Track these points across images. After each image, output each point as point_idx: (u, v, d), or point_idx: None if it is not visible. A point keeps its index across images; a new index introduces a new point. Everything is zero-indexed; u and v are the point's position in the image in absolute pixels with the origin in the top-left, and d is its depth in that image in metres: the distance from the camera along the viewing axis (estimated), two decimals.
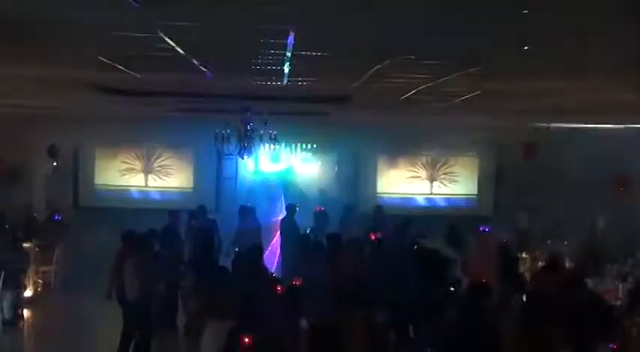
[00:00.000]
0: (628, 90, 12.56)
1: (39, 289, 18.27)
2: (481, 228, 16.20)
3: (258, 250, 13.15)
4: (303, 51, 9.83)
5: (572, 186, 21.49)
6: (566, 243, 18.82)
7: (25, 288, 16.86)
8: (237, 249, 16.25)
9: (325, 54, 10.14)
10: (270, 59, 10.75)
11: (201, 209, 18.15)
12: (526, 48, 8.63)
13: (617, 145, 20.54)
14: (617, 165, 20.83)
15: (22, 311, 16.26)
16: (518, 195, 23.35)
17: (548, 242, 18.81)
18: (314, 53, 10.12)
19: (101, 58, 10.82)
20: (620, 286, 14.11)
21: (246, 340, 7.60)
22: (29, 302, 17.06)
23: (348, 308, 8.71)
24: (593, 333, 8.05)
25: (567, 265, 12.28)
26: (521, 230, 19.22)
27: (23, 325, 16.01)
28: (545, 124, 20.37)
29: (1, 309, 15.19)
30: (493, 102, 15.54)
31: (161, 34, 8.65)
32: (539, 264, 12.82)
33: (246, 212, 18.49)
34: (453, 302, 10.02)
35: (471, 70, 10.76)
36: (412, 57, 10.03)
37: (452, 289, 11.21)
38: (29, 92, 15.68)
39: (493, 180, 24.59)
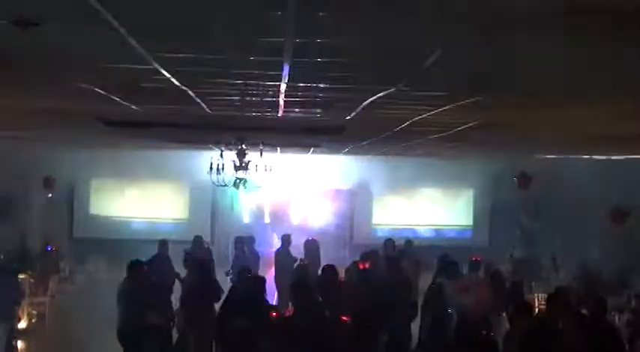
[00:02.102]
0: (625, 121, 12.59)
1: (33, 320, 18.15)
2: (473, 258, 16.26)
3: (260, 281, 13.07)
4: (298, 82, 9.84)
5: (568, 217, 21.50)
6: (561, 274, 18.79)
7: (19, 320, 16.74)
8: (232, 279, 16.20)
9: (320, 85, 10.14)
10: (266, 91, 10.76)
11: (197, 239, 18.10)
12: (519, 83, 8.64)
13: (614, 176, 20.60)
14: (613, 196, 20.89)
15: (16, 342, 16.15)
16: (514, 226, 23.34)
17: (544, 273, 18.77)
18: (309, 84, 10.12)
19: (97, 90, 10.82)
20: (617, 317, 14.07)
21: None
22: (23, 334, 16.94)
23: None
24: None
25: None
26: (517, 261, 19.17)
27: None
28: (541, 155, 20.42)
29: None
30: (489, 134, 15.54)
31: (156, 66, 8.64)
32: (537, 295, 12.76)
33: (243, 242, 18.44)
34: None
35: (467, 101, 10.75)
36: (407, 88, 10.02)
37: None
38: (26, 123, 15.68)
39: (488, 211, 24.57)
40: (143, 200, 24.42)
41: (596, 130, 14.45)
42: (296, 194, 23.97)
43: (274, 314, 10.45)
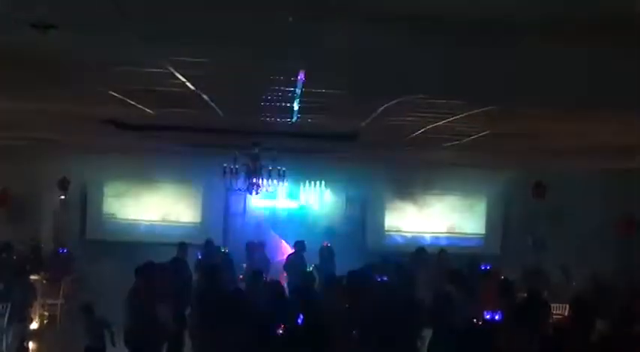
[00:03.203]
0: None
1: (45, 322, 18.23)
2: (483, 267, 16.28)
3: (278, 286, 13.10)
4: (312, 88, 9.87)
5: (580, 227, 21.47)
6: (574, 283, 18.73)
7: (31, 321, 16.78)
8: (243, 284, 16.22)
9: (335, 91, 10.17)
10: (280, 96, 10.79)
11: (209, 244, 18.11)
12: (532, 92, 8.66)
13: (627, 186, 20.60)
14: (627, 205, 20.90)
15: (28, 344, 16.19)
16: (526, 234, 23.30)
17: (555, 283, 18.70)
18: (324, 90, 10.15)
19: (112, 93, 10.88)
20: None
21: None
22: (35, 335, 16.99)
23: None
24: None
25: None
26: (529, 270, 19.11)
27: None
28: (555, 164, 20.41)
29: (7, 342, 15.12)
30: (503, 142, 15.53)
31: (171, 70, 8.69)
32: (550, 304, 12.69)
33: (254, 248, 18.46)
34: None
35: (481, 110, 10.77)
36: (422, 96, 10.05)
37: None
38: (41, 125, 15.76)
39: (501, 219, 24.54)
40: (156, 203, 24.45)
41: (608, 140, 14.44)
42: (311, 199, 23.96)
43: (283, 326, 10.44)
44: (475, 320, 11.76)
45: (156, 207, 24.49)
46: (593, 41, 6.19)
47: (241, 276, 17.58)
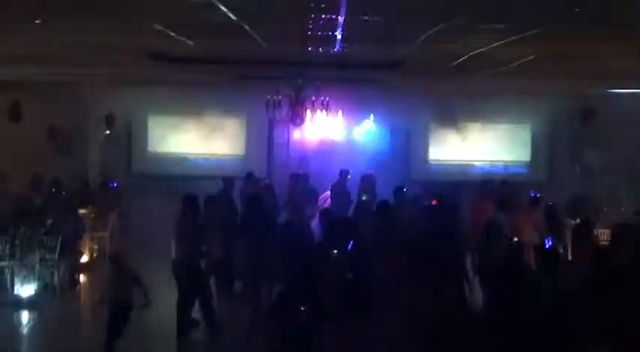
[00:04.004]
0: None
1: (94, 255, 18.52)
2: (531, 194, 16.27)
3: (329, 214, 13.18)
4: (355, 16, 9.81)
5: (630, 152, 21.28)
6: (622, 209, 18.63)
7: (81, 254, 17.08)
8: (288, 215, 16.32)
9: (377, 19, 10.10)
10: (322, 25, 10.74)
11: (250, 176, 18.15)
12: (576, 9, 8.51)
13: None
14: None
15: (79, 276, 16.51)
16: (574, 161, 23.19)
17: (605, 208, 18.60)
18: (366, 18, 10.08)
19: (155, 26, 10.89)
20: None
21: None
22: (85, 268, 17.29)
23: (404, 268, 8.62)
24: None
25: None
26: (577, 196, 19.02)
27: (80, 289, 16.25)
28: (603, 88, 20.17)
29: (59, 274, 15.42)
30: (548, 67, 15.36)
31: (214, 1, 8.67)
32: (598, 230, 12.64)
33: (298, 179, 18.50)
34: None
35: (526, 34, 10.63)
36: (466, 21, 9.94)
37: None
38: (86, 60, 15.84)
39: (547, 147, 24.38)
40: (200, 136, 24.57)
41: None
42: (355, 129, 23.93)
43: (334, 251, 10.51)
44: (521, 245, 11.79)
45: (200, 141, 24.62)
46: None
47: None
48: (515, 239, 12.56)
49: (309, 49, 13.46)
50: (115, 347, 11.24)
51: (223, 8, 9.19)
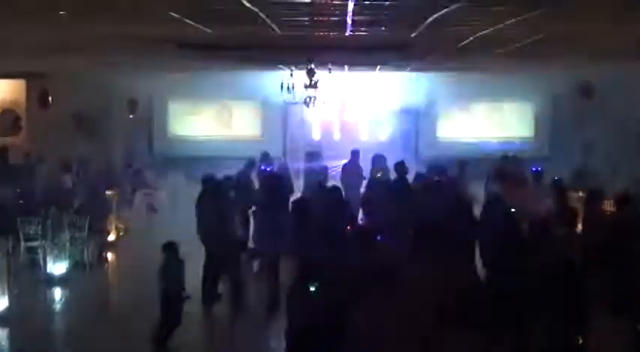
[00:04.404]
0: None
1: (121, 233, 18.57)
2: (533, 168, 16.25)
3: (338, 191, 13.14)
4: (364, 1, 9.75)
5: (629, 126, 21.23)
6: (620, 182, 18.55)
7: (108, 233, 17.15)
8: (304, 192, 16.32)
9: (386, 2, 10.02)
10: (333, 10, 10.69)
11: (265, 155, 18.12)
12: None
13: None
14: None
15: (107, 253, 16.57)
16: (575, 136, 23.15)
17: (604, 180, 18.53)
18: (375, 2, 10.02)
19: (172, 14, 10.86)
20: None
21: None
22: (112, 246, 17.36)
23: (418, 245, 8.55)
24: None
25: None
26: (578, 168, 18.95)
27: (107, 267, 16.32)
28: (603, 66, 20.06)
29: (88, 252, 15.47)
30: (550, 47, 15.27)
31: None
32: (598, 201, 12.54)
33: (312, 157, 18.46)
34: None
35: (529, 15, 10.55)
36: (470, 3, 9.86)
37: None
38: (110, 49, 15.86)
39: (550, 122, 24.36)
40: (218, 119, 24.64)
41: None
42: (364, 111, 23.91)
43: (349, 227, 10.47)
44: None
45: (218, 123, 24.67)
46: None
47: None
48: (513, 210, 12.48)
49: (321, 33, 13.41)
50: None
51: None
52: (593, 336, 6.99)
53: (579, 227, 11.61)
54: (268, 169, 16.85)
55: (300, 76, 17.90)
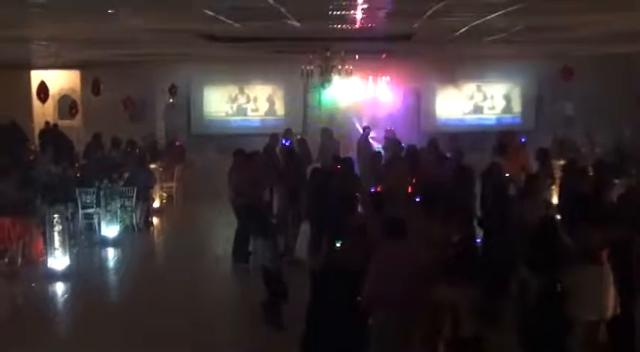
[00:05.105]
0: None
1: (164, 201, 18.71)
2: (522, 139, 16.33)
3: (350, 161, 13.16)
4: None
5: (604, 103, 21.18)
6: (597, 150, 18.55)
7: (153, 201, 17.26)
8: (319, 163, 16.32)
9: None
10: (345, 5, 10.72)
11: (288, 131, 18.16)
12: None
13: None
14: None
15: (152, 219, 16.69)
16: (556, 111, 23.12)
17: (582, 150, 18.53)
18: None
19: (206, 11, 10.90)
20: None
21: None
22: (157, 212, 17.50)
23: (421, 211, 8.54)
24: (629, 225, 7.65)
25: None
26: (559, 140, 18.92)
27: (153, 230, 16.46)
28: (582, 51, 19.99)
29: (136, 218, 15.61)
30: (534, 35, 15.22)
31: None
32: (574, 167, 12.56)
33: (327, 133, 18.46)
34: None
35: (516, 7, 10.55)
36: None
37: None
38: (152, 42, 15.89)
39: (535, 100, 24.32)
40: (247, 101, 24.68)
41: (628, 28, 14.06)
42: (374, 92, 23.87)
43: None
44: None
45: (247, 105, 24.73)
46: None
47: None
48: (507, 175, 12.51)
49: (335, 26, 13.42)
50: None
51: None
52: (569, 281, 7.05)
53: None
54: (288, 143, 16.88)
55: (317, 62, 17.95)
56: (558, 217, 9.03)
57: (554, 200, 12.56)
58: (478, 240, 9.81)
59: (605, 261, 7.03)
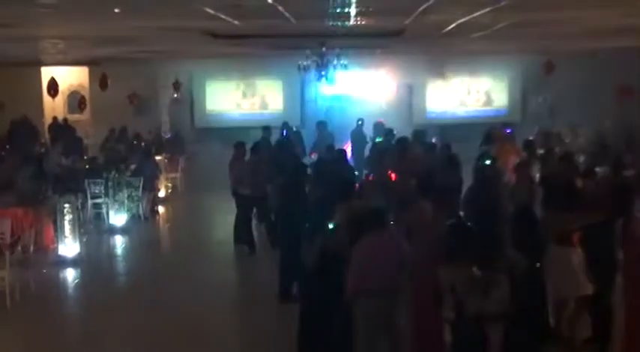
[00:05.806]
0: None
1: (169, 191, 18.73)
2: (507, 130, 16.35)
3: (343, 152, 13.17)
4: None
5: (585, 95, 21.22)
6: (580, 140, 18.60)
7: (158, 190, 17.27)
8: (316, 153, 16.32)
9: None
10: (340, 3, 10.74)
11: (285, 125, 18.15)
12: None
13: (618, 61, 20.29)
14: (622, 77, 20.65)
15: (157, 207, 16.72)
16: (541, 104, 23.16)
17: (566, 140, 18.57)
18: None
19: (207, 10, 10.92)
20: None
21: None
22: (162, 201, 17.53)
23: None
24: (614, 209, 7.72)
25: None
26: (543, 131, 18.95)
27: (158, 218, 16.49)
28: (563, 46, 20.02)
29: (143, 207, 15.63)
30: (518, 31, 15.24)
31: None
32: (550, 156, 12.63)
33: (323, 125, 18.48)
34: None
35: (501, 5, 10.58)
36: None
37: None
38: (156, 40, 15.90)
39: (520, 93, 24.36)
40: (247, 96, 24.67)
41: (607, 24, 14.10)
42: (368, 86, 23.88)
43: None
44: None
45: (247, 99, 24.72)
46: None
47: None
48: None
49: (330, 23, 13.43)
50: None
51: None
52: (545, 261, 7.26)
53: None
54: (284, 135, 16.93)
55: (314, 58, 17.97)
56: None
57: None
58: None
59: (577, 243, 7.21)
